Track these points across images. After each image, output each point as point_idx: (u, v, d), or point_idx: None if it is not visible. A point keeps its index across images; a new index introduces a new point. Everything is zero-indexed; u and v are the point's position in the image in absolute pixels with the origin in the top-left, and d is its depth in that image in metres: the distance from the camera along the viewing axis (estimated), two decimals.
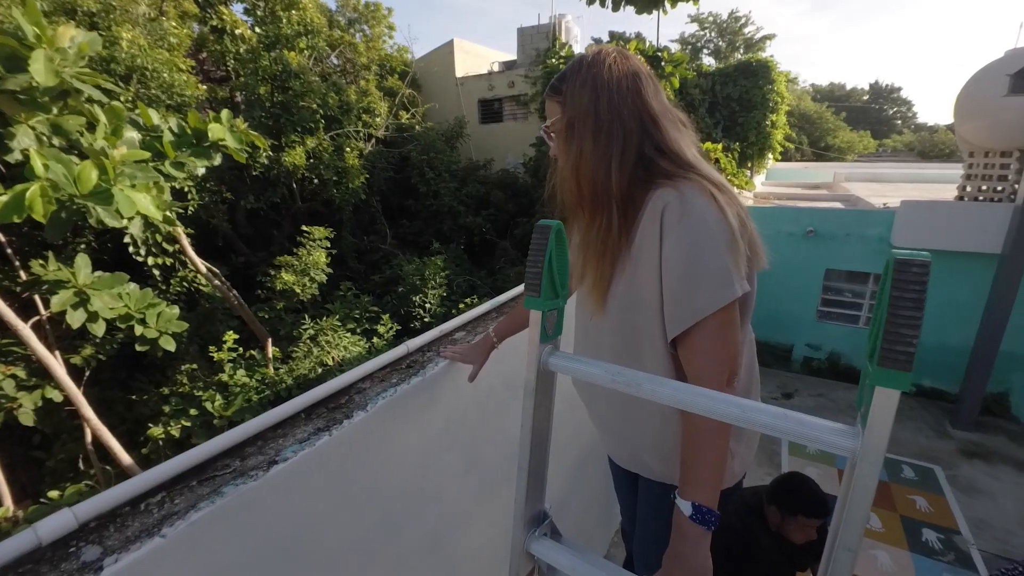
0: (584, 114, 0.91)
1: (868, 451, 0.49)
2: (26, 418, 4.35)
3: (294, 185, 8.36)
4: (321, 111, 7.98)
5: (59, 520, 0.78)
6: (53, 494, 3.82)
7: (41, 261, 4.11)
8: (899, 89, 45.94)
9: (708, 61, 28.19)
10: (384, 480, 1.24)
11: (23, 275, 4.37)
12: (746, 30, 27.56)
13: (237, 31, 7.81)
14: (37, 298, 4.30)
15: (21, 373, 4.49)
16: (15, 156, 2.68)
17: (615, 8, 8.89)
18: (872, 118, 43.27)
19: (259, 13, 8.08)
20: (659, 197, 0.87)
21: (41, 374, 4.46)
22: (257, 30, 7.88)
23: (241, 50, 7.72)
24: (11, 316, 3.38)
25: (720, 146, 7.26)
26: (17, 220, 2.34)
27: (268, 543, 0.95)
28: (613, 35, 16.74)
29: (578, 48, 12.41)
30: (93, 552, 0.77)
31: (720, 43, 28.08)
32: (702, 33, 28.45)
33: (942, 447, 4.54)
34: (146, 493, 0.88)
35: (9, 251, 4.47)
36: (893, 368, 0.46)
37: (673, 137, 0.92)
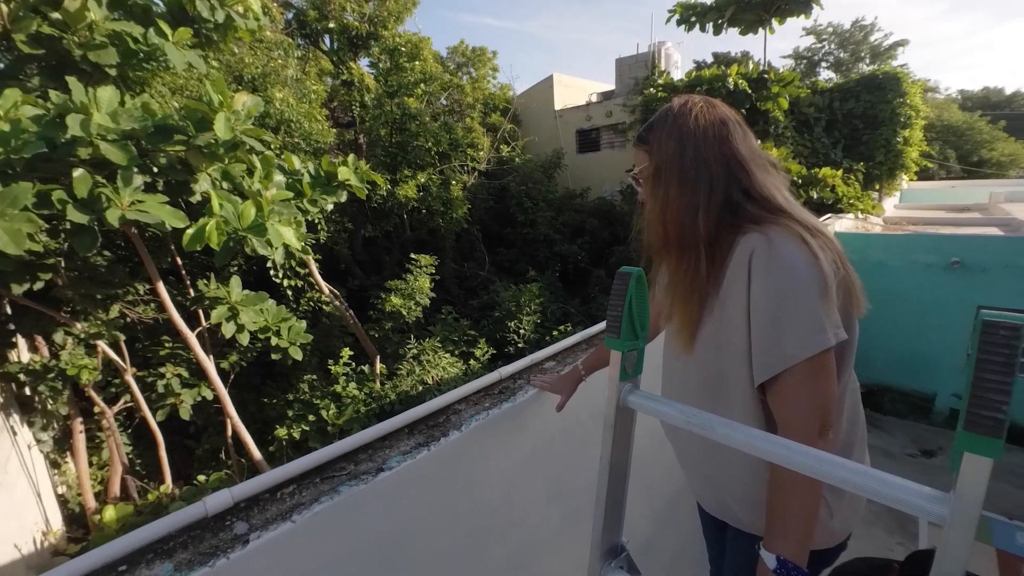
0: (670, 162, 0.95)
1: (958, 519, 0.47)
2: (184, 412, 5.18)
3: (405, 216, 9.15)
4: (435, 149, 8.73)
5: (221, 498, 0.98)
6: (201, 478, 4.49)
7: (204, 281, 4.95)
8: None
9: (827, 75, 25.90)
10: (473, 498, 1.33)
11: (191, 292, 5.28)
12: (872, 38, 24.99)
13: (364, 82, 8.89)
14: (200, 311, 5.17)
15: (184, 373, 5.38)
16: (196, 198, 3.32)
17: (716, 32, 8.68)
18: None
19: (382, 66, 9.13)
20: (747, 241, 0.87)
21: (199, 375, 5.31)
22: (382, 81, 8.91)
23: (367, 99, 8.75)
24: (183, 325, 4.09)
25: (840, 172, 6.62)
26: (198, 249, 2.89)
27: (372, 540, 1.08)
28: (717, 56, 16.17)
29: (678, 74, 12.19)
30: (242, 527, 0.95)
31: (842, 54, 25.74)
32: (820, 45, 26.34)
33: None
34: (281, 484, 1.06)
35: (183, 272, 5.44)
36: (980, 434, 0.44)
37: (761, 181, 0.92)
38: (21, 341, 4.31)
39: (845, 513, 0.99)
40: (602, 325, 1.98)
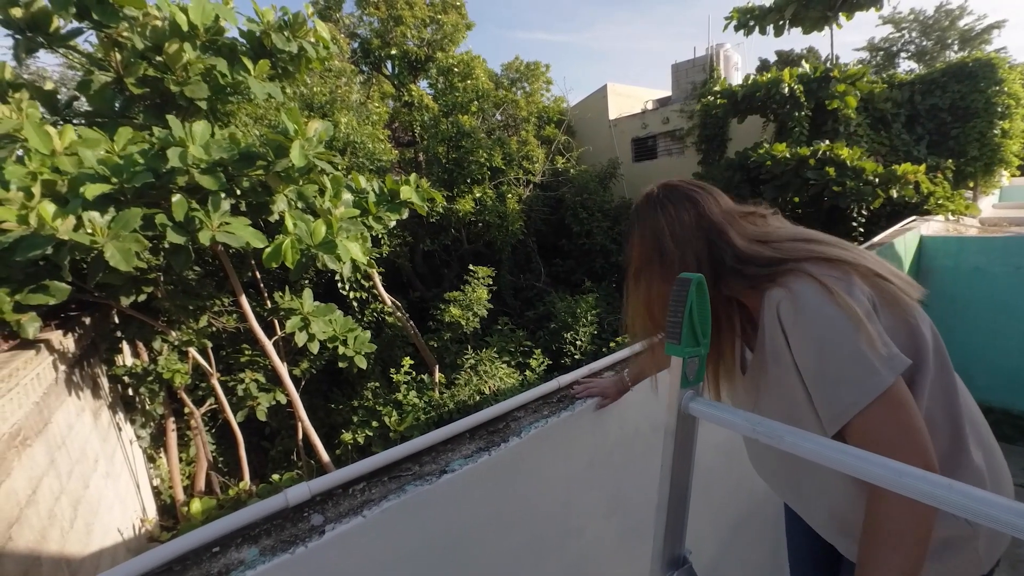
0: (649, 258, 0.96)
1: None
2: (261, 414, 5.57)
3: (462, 229, 9.40)
4: (487, 164, 8.95)
5: (300, 491, 1.06)
6: (275, 477, 4.80)
7: (280, 293, 5.32)
8: None
9: (908, 66, 23.88)
10: (531, 506, 1.34)
11: (268, 303, 5.70)
12: (961, 22, 22.79)
13: (424, 103, 9.30)
14: (275, 321, 5.57)
15: (261, 379, 5.79)
16: (274, 217, 3.61)
17: (777, 34, 8.34)
18: None
19: (439, 86, 9.52)
20: (770, 298, 0.85)
21: (274, 381, 5.69)
22: (439, 101, 9.30)
23: (425, 118, 9.15)
24: (261, 334, 4.43)
25: (923, 167, 6.08)
26: (275, 266, 3.14)
27: (436, 540, 1.12)
28: (780, 55, 15.45)
29: (739, 76, 11.77)
30: (318, 519, 1.02)
31: (925, 43, 23.67)
32: (898, 35, 24.36)
33: None
34: (353, 480, 1.13)
35: (261, 285, 5.89)
36: None
37: (743, 245, 0.91)
38: (126, 347, 4.84)
39: (965, 560, 0.87)
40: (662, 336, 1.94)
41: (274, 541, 0.96)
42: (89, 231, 2.59)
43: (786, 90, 6.87)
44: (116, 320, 4.45)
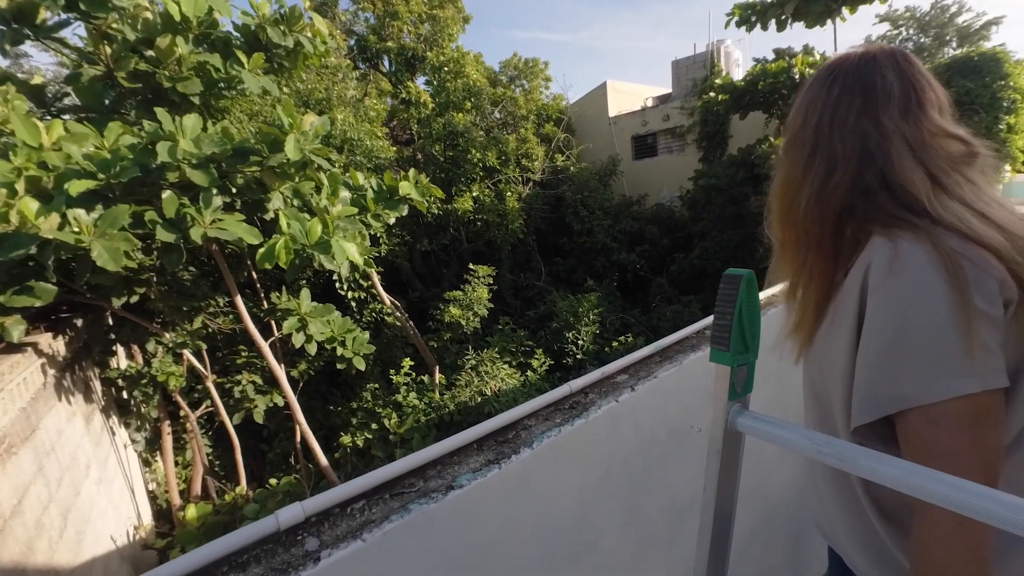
0: (792, 136, 0.82)
1: None
2: (258, 416, 5.47)
3: (461, 228, 9.29)
4: (482, 163, 8.85)
5: (292, 512, 0.96)
6: (272, 481, 4.69)
7: (277, 294, 5.22)
8: None
9: None
10: (544, 520, 1.25)
11: (264, 304, 5.59)
12: (959, 19, 22.76)
13: (422, 100, 9.20)
14: (272, 322, 5.46)
15: (258, 380, 5.69)
16: (270, 215, 3.50)
17: (780, 29, 8.23)
18: None
19: (434, 84, 9.42)
20: (869, 248, 0.70)
21: (271, 383, 5.59)
22: (436, 99, 9.20)
23: (422, 116, 9.04)
24: (257, 336, 4.32)
25: None
26: (268, 267, 3.03)
27: (442, 563, 1.02)
28: (778, 53, 15.35)
29: (740, 72, 11.66)
30: (313, 543, 0.92)
31: (923, 39, 23.62)
32: (896, 32, 24.31)
33: None
34: (351, 499, 1.03)
35: (258, 285, 5.78)
36: None
37: (902, 166, 0.70)
38: (120, 350, 4.73)
39: None
40: (676, 336, 1.85)
41: (264, 569, 0.87)
42: (75, 229, 2.49)
43: (797, 76, 6.78)
44: (110, 322, 4.34)
